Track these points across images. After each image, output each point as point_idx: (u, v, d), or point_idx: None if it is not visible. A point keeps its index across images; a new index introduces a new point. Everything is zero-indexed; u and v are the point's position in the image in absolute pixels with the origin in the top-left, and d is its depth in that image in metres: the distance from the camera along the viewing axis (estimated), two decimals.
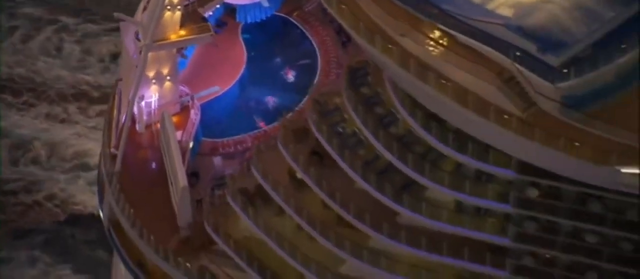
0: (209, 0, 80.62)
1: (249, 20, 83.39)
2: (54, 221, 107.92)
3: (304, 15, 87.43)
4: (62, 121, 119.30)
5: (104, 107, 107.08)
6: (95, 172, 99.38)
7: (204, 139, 78.25)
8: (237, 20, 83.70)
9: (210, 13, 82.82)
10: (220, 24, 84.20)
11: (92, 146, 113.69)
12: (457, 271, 64.71)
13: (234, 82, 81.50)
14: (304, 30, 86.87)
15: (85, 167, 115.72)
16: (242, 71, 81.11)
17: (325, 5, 66.26)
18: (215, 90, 79.65)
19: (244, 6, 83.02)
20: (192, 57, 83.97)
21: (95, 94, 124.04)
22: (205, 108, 79.49)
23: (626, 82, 56.23)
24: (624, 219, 58.02)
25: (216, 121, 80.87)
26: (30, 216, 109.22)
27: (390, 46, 59.08)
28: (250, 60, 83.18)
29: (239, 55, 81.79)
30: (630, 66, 56.51)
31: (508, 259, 60.74)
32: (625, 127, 54.71)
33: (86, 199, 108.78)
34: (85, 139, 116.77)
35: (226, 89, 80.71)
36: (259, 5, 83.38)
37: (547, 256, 61.14)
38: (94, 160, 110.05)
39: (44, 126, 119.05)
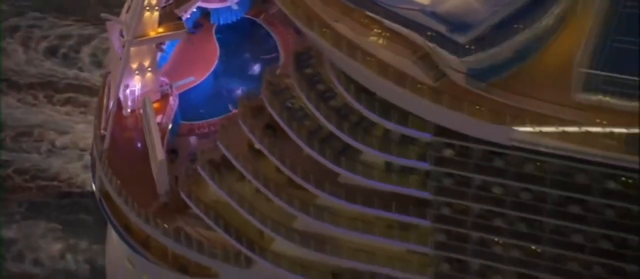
0: (185, 2, 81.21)
1: (221, 22, 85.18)
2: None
3: (269, 18, 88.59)
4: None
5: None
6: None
7: (182, 122, 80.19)
8: (212, 22, 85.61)
9: (188, 16, 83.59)
10: (197, 26, 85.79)
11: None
12: (387, 222, 66.18)
13: (208, 74, 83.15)
14: (269, 30, 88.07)
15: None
16: (215, 64, 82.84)
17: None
18: (191, 80, 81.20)
19: (217, 10, 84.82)
20: (173, 53, 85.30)
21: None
22: (183, 96, 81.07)
23: (521, 57, 59.48)
24: (523, 172, 60.40)
25: (193, 106, 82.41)
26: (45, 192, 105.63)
27: (325, 30, 61.47)
28: (222, 55, 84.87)
29: (213, 51, 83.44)
30: (525, 43, 59.37)
31: (429, 210, 63.09)
32: (521, 94, 57.75)
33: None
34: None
35: (201, 79, 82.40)
36: (229, 8, 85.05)
37: (462, 206, 63.42)
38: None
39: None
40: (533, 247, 64.15)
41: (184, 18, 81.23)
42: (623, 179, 59.64)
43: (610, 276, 64.26)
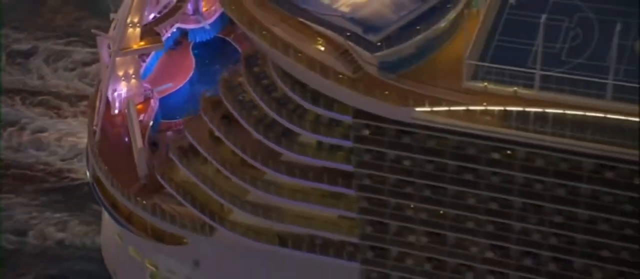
0: (163, 21, 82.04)
1: (197, 40, 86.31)
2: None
3: (237, 37, 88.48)
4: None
5: None
6: None
7: (162, 120, 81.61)
8: (189, 39, 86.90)
9: (169, 35, 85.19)
10: (177, 43, 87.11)
11: None
12: (321, 192, 68.40)
13: (185, 81, 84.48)
14: (237, 47, 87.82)
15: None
16: (191, 74, 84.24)
17: (222, 6, 71.32)
18: (169, 86, 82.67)
19: (193, 30, 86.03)
20: (157, 65, 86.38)
21: None
22: (164, 99, 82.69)
23: (423, 53, 62.64)
24: (426, 146, 62.79)
25: (171, 108, 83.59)
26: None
27: (265, 33, 64.20)
28: (197, 67, 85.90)
29: (190, 63, 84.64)
30: (425, 42, 62.26)
31: (353, 181, 65.52)
32: (422, 82, 60.97)
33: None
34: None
35: (179, 86, 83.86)
36: (204, 29, 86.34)
37: (379, 177, 65.22)
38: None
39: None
40: (438, 210, 66.07)
41: (162, 34, 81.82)
42: (503, 150, 61.57)
43: (499, 232, 66.43)
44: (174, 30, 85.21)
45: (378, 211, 67.61)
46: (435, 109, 60.22)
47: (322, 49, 63.93)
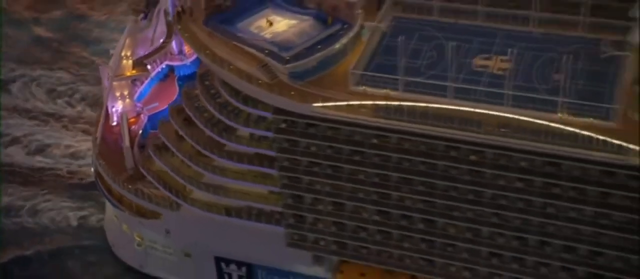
0: (151, 56, 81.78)
1: (181, 74, 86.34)
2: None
3: None
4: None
5: None
6: None
7: (151, 131, 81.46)
8: (175, 73, 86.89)
9: (160, 69, 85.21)
10: (166, 76, 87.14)
11: None
12: (254, 173, 70.31)
13: (170, 103, 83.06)
14: None
15: None
16: (174, 98, 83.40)
17: (178, 32, 73.88)
18: (156, 105, 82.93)
19: (178, 66, 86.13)
20: (150, 91, 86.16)
21: None
22: (153, 116, 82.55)
23: (323, 67, 65.36)
24: (326, 135, 64.81)
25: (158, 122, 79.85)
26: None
27: (208, 52, 67.25)
28: (179, 93, 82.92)
29: (174, 91, 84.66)
30: (324, 59, 65.17)
31: (276, 163, 67.64)
32: (322, 87, 63.72)
33: None
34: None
35: (164, 107, 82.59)
36: (186, 65, 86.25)
37: (294, 159, 67.43)
38: None
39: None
40: (338, 184, 67.28)
41: (151, 66, 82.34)
42: (380, 136, 63.64)
43: (381, 200, 67.61)
44: (164, 66, 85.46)
45: (295, 186, 68.71)
46: (326, 104, 62.69)
47: (249, 63, 66.30)
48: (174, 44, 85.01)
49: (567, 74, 57.81)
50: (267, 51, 64.80)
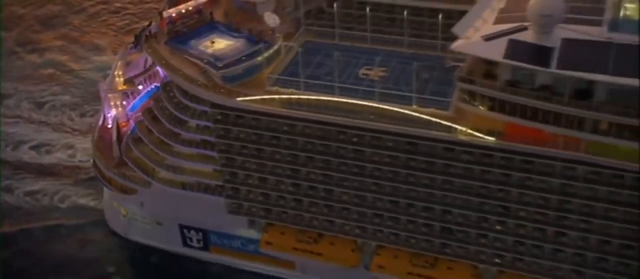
0: (140, 75, 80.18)
1: None
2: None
3: None
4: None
5: None
6: None
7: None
8: None
9: (150, 88, 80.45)
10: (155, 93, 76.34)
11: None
12: (202, 155, 70.74)
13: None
14: None
15: None
16: None
17: (146, 52, 73.12)
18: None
19: None
20: (140, 106, 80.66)
21: None
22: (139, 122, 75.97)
23: (249, 73, 66.53)
24: (251, 124, 65.73)
25: None
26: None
27: (164, 63, 69.04)
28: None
29: None
30: (249, 68, 66.59)
31: (216, 147, 68.53)
32: (248, 87, 65.26)
33: None
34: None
35: None
36: None
37: (228, 143, 67.92)
38: None
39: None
40: (262, 163, 68.26)
41: (140, 84, 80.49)
42: (289, 124, 64.83)
43: (295, 174, 67.56)
44: (154, 86, 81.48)
45: (230, 164, 69.36)
46: (246, 98, 64.57)
47: (194, 71, 67.19)
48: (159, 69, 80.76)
49: (418, 79, 62.26)
50: (206, 61, 66.35)
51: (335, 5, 68.37)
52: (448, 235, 65.03)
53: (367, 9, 67.80)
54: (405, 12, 67.10)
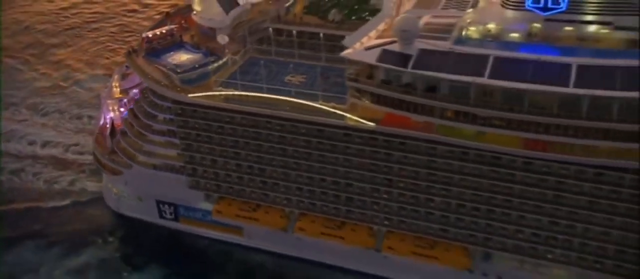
0: (133, 88, 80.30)
1: None
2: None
3: None
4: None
5: None
6: None
7: None
8: None
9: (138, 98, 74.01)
10: None
11: None
12: (169, 142, 73.82)
13: None
14: None
15: None
16: None
17: (128, 63, 75.71)
18: None
19: None
20: None
21: None
22: None
23: (202, 78, 70.40)
24: (203, 115, 68.48)
25: None
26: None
27: (140, 71, 72.90)
28: None
29: None
30: (201, 74, 70.14)
31: (178, 135, 71.94)
32: (200, 87, 69.10)
33: None
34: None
35: None
36: None
37: (188, 132, 71.42)
38: None
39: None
40: (215, 147, 71.05)
41: (134, 93, 78.83)
42: (231, 115, 67.00)
43: (236, 156, 70.06)
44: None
45: (189, 149, 73.16)
46: (195, 94, 68.55)
47: (160, 75, 71.49)
48: None
49: (324, 82, 67.06)
50: (169, 68, 71.06)
51: (271, 33, 74.72)
52: (350, 203, 69.16)
53: (294, 34, 74.09)
54: (321, 36, 72.77)
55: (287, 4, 77.84)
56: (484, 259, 67.17)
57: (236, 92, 67.29)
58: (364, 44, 61.58)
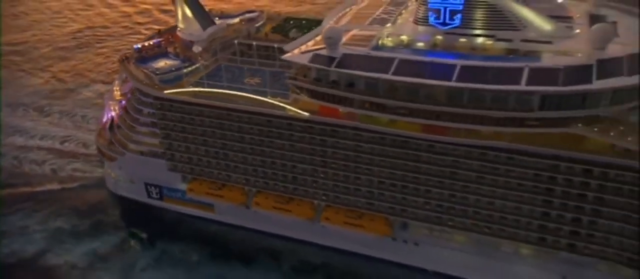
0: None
1: None
2: None
3: None
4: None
5: None
6: None
7: None
8: None
9: None
10: None
11: None
12: (152, 132, 74.98)
13: None
14: None
15: None
16: None
17: (121, 68, 79.38)
18: None
19: None
20: None
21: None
22: None
23: (177, 79, 73.76)
24: (176, 108, 71.33)
25: None
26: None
27: (130, 73, 77.36)
28: None
29: None
30: (177, 75, 72.67)
31: (158, 126, 75.01)
32: (173, 85, 72.11)
33: None
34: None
35: None
36: None
37: (167, 123, 74.60)
38: None
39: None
40: (188, 136, 74.11)
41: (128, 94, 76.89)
42: (203, 109, 69.32)
43: (204, 143, 74.21)
44: None
45: (168, 137, 76.97)
46: (170, 91, 72.41)
47: (143, 76, 75.69)
48: None
49: (273, 82, 70.68)
50: (151, 71, 76.10)
51: (237, 46, 78.66)
52: (295, 182, 72.44)
53: (255, 47, 78.56)
54: (276, 47, 76.07)
55: (257, 25, 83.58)
56: (402, 228, 69.73)
57: (202, 89, 71.41)
58: (300, 49, 65.77)
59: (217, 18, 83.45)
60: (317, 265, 71.65)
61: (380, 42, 64.79)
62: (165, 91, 72.39)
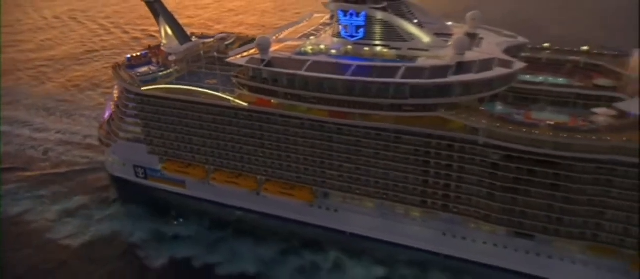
0: None
1: None
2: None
3: None
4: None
5: None
6: None
7: None
8: None
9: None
10: None
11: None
12: (135, 123, 79.28)
13: None
14: None
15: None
16: None
17: (113, 72, 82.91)
18: None
19: None
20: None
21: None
22: None
23: (153, 80, 76.67)
24: (156, 104, 75.41)
25: None
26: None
27: (119, 77, 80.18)
28: None
29: None
30: (154, 77, 76.88)
31: (139, 118, 78.50)
32: (151, 83, 75.16)
33: None
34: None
35: None
36: None
37: (148, 115, 77.63)
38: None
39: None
40: (161, 124, 77.38)
41: None
42: (181, 104, 72.73)
43: (178, 130, 78.87)
44: None
45: (147, 126, 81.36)
46: (146, 88, 76.81)
47: (129, 78, 79.77)
48: None
49: (226, 82, 73.46)
50: (135, 74, 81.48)
51: (203, 57, 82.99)
52: (242, 160, 76.64)
53: (216, 57, 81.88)
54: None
55: (227, 43, 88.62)
56: (324, 196, 73.24)
57: (171, 86, 77.66)
58: (242, 55, 71.54)
59: (195, 37, 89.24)
60: (257, 227, 76.34)
61: (302, 49, 70.20)
62: (143, 88, 78.23)
